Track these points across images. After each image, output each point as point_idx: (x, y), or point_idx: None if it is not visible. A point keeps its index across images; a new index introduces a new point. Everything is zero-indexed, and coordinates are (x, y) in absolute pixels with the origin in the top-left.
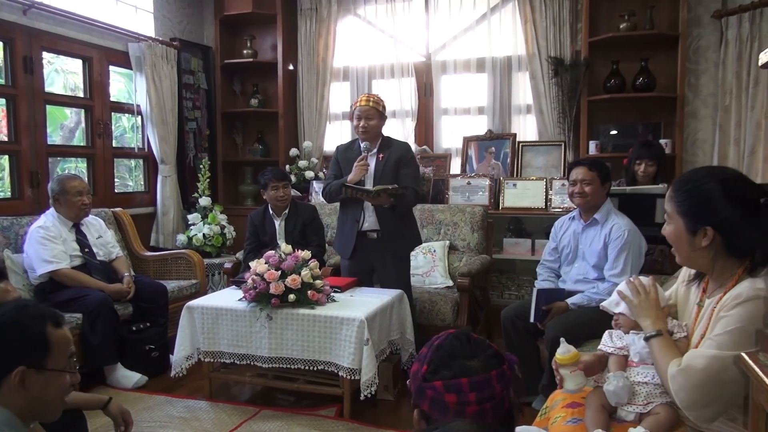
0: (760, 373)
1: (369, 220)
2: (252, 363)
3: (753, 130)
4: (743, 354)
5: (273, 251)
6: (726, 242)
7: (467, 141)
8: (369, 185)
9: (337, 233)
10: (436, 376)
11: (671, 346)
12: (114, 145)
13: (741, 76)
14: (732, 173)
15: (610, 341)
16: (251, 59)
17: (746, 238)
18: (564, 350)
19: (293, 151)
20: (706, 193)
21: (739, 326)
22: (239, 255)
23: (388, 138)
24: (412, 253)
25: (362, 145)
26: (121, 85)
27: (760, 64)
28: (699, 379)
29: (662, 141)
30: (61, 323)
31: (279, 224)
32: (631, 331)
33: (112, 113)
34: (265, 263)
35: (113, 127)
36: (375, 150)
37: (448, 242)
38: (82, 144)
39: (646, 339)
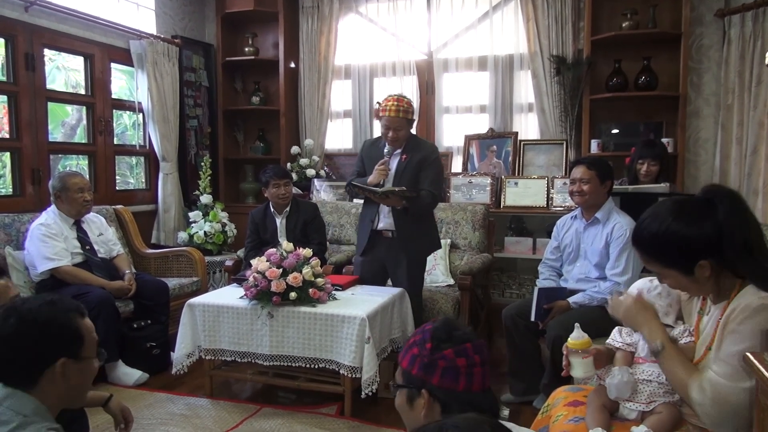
0: (766, 374)
1: (384, 221)
2: (253, 361)
3: (755, 129)
4: (748, 354)
5: (274, 249)
6: (717, 260)
7: (469, 139)
8: (389, 185)
9: (358, 229)
10: (443, 348)
11: (678, 358)
12: (115, 142)
13: (744, 75)
14: (676, 202)
15: (619, 337)
16: (253, 57)
17: (729, 246)
18: (577, 335)
19: (294, 149)
20: (674, 234)
21: (755, 343)
22: (240, 253)
23: (415, 138)
24: None
25: (386, 149)
26: (122, 82)
27: (766, 62)
28: (729, 409)
29: (664, 140)
30: (84, 314)
31: (280, 222)
32: None
33: (114, 110)
34: (267, 261)
35: (114, 125)
36: (399, 150)
37: (449, 241)
38: (83, 141)
39: (654, 356)
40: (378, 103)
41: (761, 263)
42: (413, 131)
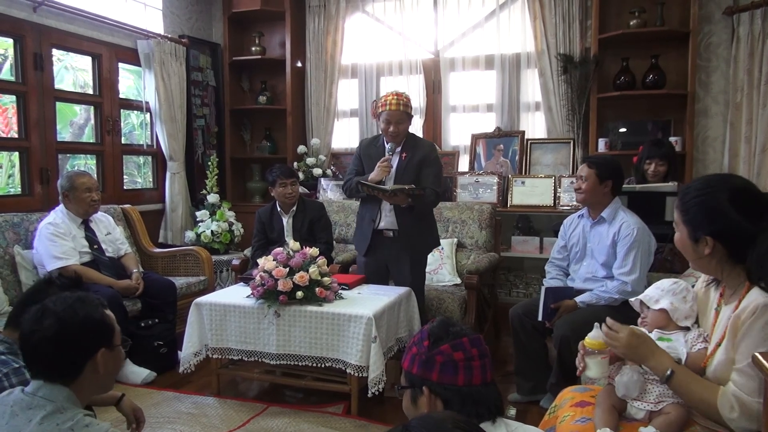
0: None
1: (386, 219)
2: (260, 359)
3: (764, 127)
4: (757, 354)
5: (281, 248)
6: (729, 251)
7: (475, 138)
8: (390, 184)
9: (356, 229)
10: (440, 344)
11: (691, 378)
12: (123, 141)
13: (753, 73)
14: (740, 182)
15: None
16: (259, 56)
17: (747, 247)
18: (595, 335)
19: (301, 148)
20: (709, 202)
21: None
22: (247, 252)
23: (413, 136)
24: None
25: (387, 146)
26: (130, 82)
27: None
28: (757, 416)
29: (672, 138)
30: (106, 305)
31: (287, 221)
32: (655, 330)
33: (121, 110)
34: (273, 260)
35: (122, 124)
36: (399, 148)
37: (456, 240)
38: (91, 141)
39: (665, 383)
40: (375, 101)
41: None
42: (412, 131)
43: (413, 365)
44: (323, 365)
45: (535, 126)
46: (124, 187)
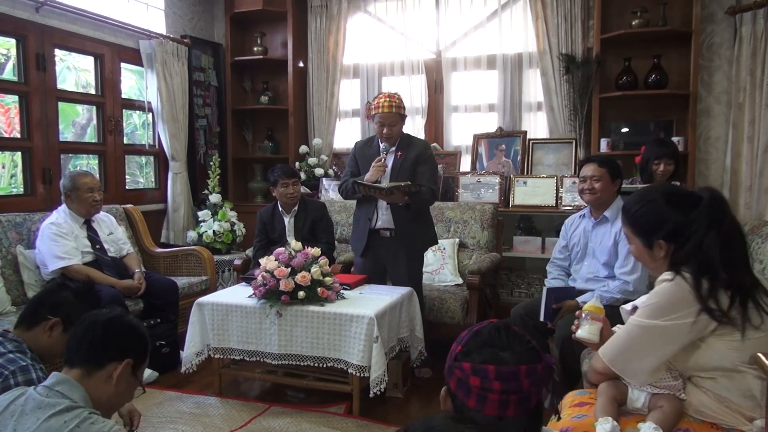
0: None
1: (382, 219)
2: (262, 359)
3: (767, 127)
4: (760, 355)
5: (283, 248)
6: (676, 248)
7: (477, 138)
8: (385, 184)
9: (353, 230)
10: (467, 359)
11: None
12: (125, 141)
13: (755, 73)
14: (669, 187)
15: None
16: (261, 56)
17: (688, 241)
18: (594, 301)
19: (303, 149)
20: (653, 211)
21: (647, 301)
22: (249, 252)
23: (408, 135)
24: None
25: (381, 145)
26: (132, 82)
27: None
28: (618, 343)
29: (675, 139)
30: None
31: (288, 221)
32: None
33: (124, 110)
34: (275, 260)
35: (124, 124)
36: (393, 148)
37: (457, 240)
38: (93, 141)
39: None
40: (368, 102)
41: (708, 261)
42: (414, 131)
43: (447, 360)
44: (325, 365)
45: (537, 126)
46: (126, 187)
